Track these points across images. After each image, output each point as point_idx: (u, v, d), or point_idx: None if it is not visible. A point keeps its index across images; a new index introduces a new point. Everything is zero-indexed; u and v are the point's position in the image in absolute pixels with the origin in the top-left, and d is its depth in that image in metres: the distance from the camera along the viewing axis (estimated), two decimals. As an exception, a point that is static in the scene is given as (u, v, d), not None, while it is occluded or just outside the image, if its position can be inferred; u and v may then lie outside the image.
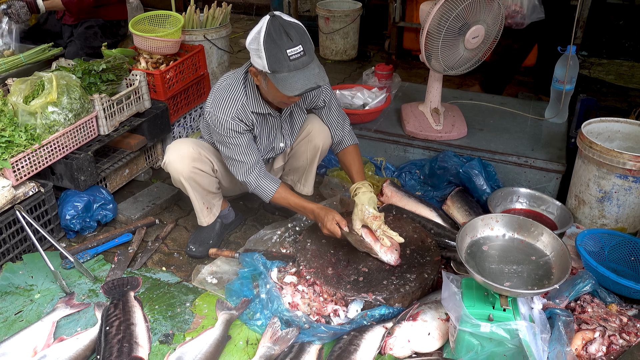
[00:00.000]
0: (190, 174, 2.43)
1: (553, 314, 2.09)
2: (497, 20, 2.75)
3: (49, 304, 2.32)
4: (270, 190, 2.41)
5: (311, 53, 2.08)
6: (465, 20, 2.63)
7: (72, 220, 2.67)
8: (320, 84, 2.08)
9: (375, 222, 2.34)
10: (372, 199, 2.39)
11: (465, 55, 2.77)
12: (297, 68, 2.04)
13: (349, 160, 2.57)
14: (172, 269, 2.58)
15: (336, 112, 2.57)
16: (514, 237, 2.07)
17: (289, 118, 2.51)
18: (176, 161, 2.41)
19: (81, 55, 3.44)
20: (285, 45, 2.01)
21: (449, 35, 2.67)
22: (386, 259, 2.31)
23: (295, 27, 2.04)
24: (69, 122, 2.64)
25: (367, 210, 2.34)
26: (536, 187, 2.93)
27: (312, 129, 2.58)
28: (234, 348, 2.12)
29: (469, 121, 3.26)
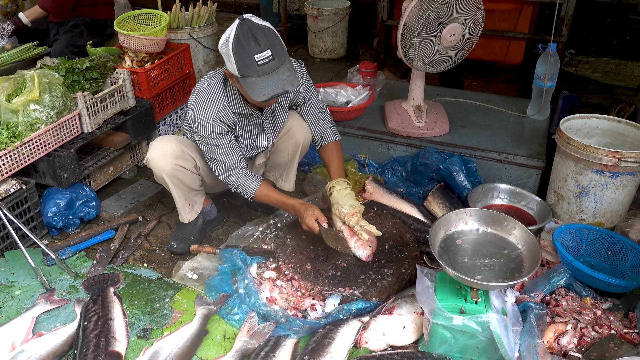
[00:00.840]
0: (172, 171, 2.44)
1: (527, 307, 2.11)
2: (476, 19, 2.77)
3: (29, 300, 2.34)
4: (252, 188, 2.43)
5: (281, 57, 2.07)
6: (443, 18, 2.64)
7: (55, 218, 2.69)
8: (288, 88, 2.09)
9: (353, 219, 2.36)
10: (348, 195, 2.40)
11: (443, 53, 2.79)
12: (266, 73, 2.04)
13: (328, 157, 2.59)
14: (153, 265, 2.59)
15: (317, 108, 2.59)
16: (487, 231, 2.10)
17: (271, 116, 2.53)
18: (159, 158, 2.43)
19: (67, 53, 3.46)
20: (253, 50, 2.01)
21: (425, 32, 2.69)
22: (358, 254, 2.33)
23: (265, 31, 2.04)
24: (50, 119, 2.65)
25: (342, 208, 2.36)
26: (516, 183, 2.95)
27: (293, 125, 2.60)
28: (211, 342, 2.14)
29: (452, 118, 3.28)
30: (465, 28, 2.72)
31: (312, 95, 2.56)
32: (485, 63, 4.74)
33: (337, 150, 2.61)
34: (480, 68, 4.77)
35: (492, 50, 4.60)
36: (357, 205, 2.40)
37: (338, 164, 2.56)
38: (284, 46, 2.10)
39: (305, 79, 2.47)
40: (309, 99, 2.55)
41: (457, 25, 2.67)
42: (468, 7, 2.68)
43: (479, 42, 4.37)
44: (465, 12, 2.68)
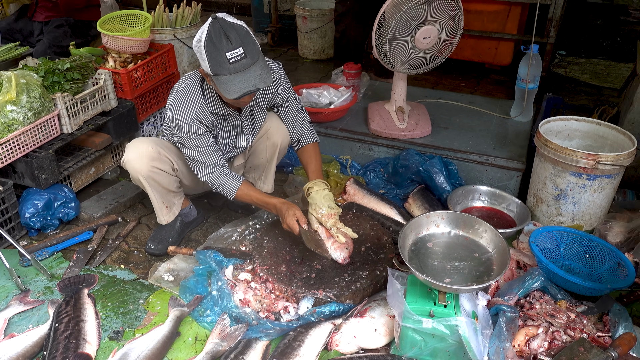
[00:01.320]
0: (148, 173, 2.44)
1: (499, 310, 2.10)
2: (454, 23, 2.74)
3: (3, 301, 2.34)
4: (234, 187, 2.43)
5: (254, 55, 2.07)
6: (417, 19, 2.63)
7: (32, 219, 2.69)
8: (260, 86, 2.09)
9: (330, 221, 2.36)
10: (327, 196, 2.40)
11: (418, 55, 2.78)
12: (238, 71, 2.05)
13: (306, 158, 2.59)
14: (130, 267, 2.59)
15: (295, 109, 2.58)
16: (459, 234, 2.09)
17: (249, 117, 2.52)
18: (135, 160, 2.43)
19: (49, 54, 3.46)
20: (224, 48, 2.02)
21: (398, 32, 2.67)
22: (335, 256, 2.33)
23: (237, 29, 2.04)
24: (28, 120, 2.65)
25: (319, 209, 2.36)
26: (497, 185, 2.95)
27: (271, 126, 2.60)
28: (183, 344, 2.13)
29: (435, 120, 3.28)
30: (441, 31, 2.70)
31: (291, 96, 2.55)
32: (474, 64, 4.73)
33: (315, 152, 2.60)
34: (469, 69, 4.76)
35: (481, 52, 4.59)
36: (335, 207, 2.39)
37: (316, 165, 2.56)
38: (257, 44, 2.10)
39: (284, 81, 2.47)
40: (287, 101, 2.55)
41: (432, 27, 2.66)
42: (444, 10, 2.66)
43: (467, 43, 4.46)
44: (440, 15, 2.66)
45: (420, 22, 2.65)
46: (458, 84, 4.59)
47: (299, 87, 3.52)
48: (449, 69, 4.70)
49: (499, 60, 4.60)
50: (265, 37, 5.56)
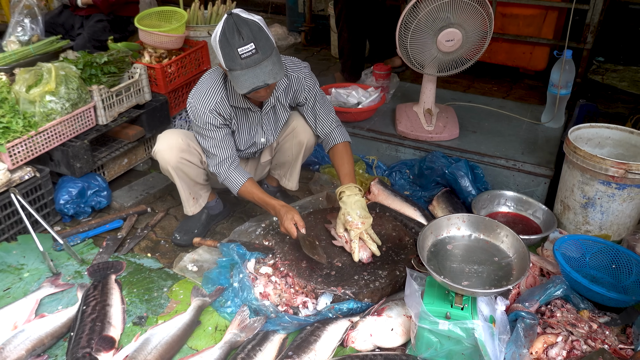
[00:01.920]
0: (177, 164, 2.51)
1: (518, 316, 2.09)
2: (481, 27, 2.72)
3: (35, 283, 2.44)
4: (238, 183, 2.48)
5: (266, 50, 2.09)
6: (442, 21, 2.62)
7: (66, 205, 2.80)
8: (269, 82, 2.11)
9: (353, 232, 2.33)
10: (358, 202, 2.36)
11: (441, 57, 2.76)
12: (249, 66, 2.08)
13: (337, 160, 2.54)
14: (156, 256, 2.67)
15: (320, 109, 2.56)
16: (479, 238, 2.08)
17: (272, 114, 2.56)
18: (164, 151, 2.50)
19: (88, 47, 3.58)
20: (236, 44, 2.06)
21: (419, 33, 2.67)
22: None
23: (250, 25, 2.07)
24: (65, 111, 2.76)
25: (348, 215, 2.34)
26: (524, 191, 2.91)
27: (297, 125, 2.62)
28: (203, 333, 2.19)
29: (464, 123, 3.26)
30: (465, 35, 2.68)
31: (316, 96, 2.54)
32: (507, 68, 4.67)
33: (346, 153, 2.54)
34: (502, 73, 4.71)
35: (515, 56, 4.52)
36: (366, 215, 2.36)
37: (349, 168, 2.50)
38: (270, 40, 2.12)
39: (309, 80, 2.48)
40: (310, 100, 2.54)
41: (456, 31, 2.63)
42: (469, 14, 2.64)
43: (502, 47, 4.41)
44: (465, 19, 2.64)
45: (444, 25, 2.63)
46: (490, 88, 4.54)
47: (328, 86, 3.55)
48: (481, 73, 4.66)
49: (533, 65, 4.52)
50: (298, 36, 5.61)
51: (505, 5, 4.22)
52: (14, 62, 3.25)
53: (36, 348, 2.06)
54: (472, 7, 2.60)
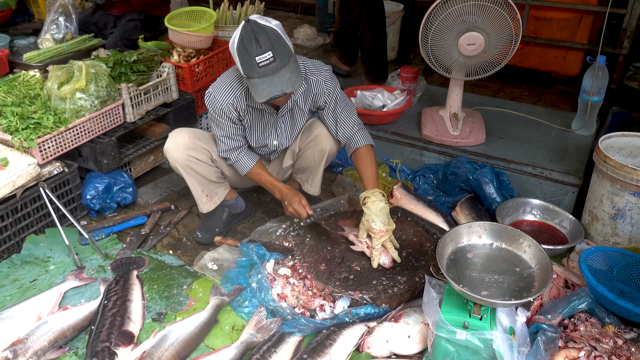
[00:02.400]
0: (185, 162, 2.53)
1: (539, 328, 2.04)
2: (506, 32, 2.66)
3: (60, 275, 2.50)
4: (247, 165, 2.53)
5: (284, 58, 2.09)
6: (464, 24, 2.58)
7: (93, 200, 2.86)
8: (287, 91, 2.11)
9: (376, 240, 2.31)
10: (383, 210, 2.32)
11: (462, 61, 2.71)
12: (266, 75, 2.08)
13: (361, 164, 2.51)
14: (178, 253, 2.70)
15: (342, 112, 2.52)
16: (501, 247, 2.04)
17: (288, 117, 2.55)
18: (172, 149, 2.54)
19: (120, 46, 3.65)
20: (254, 52, 2.06)
21: (440, 34, 2.63)
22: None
23: (268, 33, 2.07)
24: (95, 108, 2.82)
25: (373, 222, 2.30)
26: (551, 199, 2.84)
27: (321, 132, 2.60)
28: (220, 332, 2.21)
29: (491, 128, 3.20)
30: (488, 39, 2.62)
31: (336, 99, 2.50)
32: (539, 73, 4.57)
33: (369, 157, 2.50)
34: (533, 78, 4.60)
35: (547, 60, 4.42)
36: (389, 222, 2.33)
37: (372, 172, 2.45)
38: (288, 47, 2.12)
39: (329, 83, 2.45)
40: (331, 103, 2.51)
41: (478, 35, 2.58)
42: (492, 18, 2.58)
43: (534, 50, 4.32)
44: (487, 23, 2.58)
45: (466, 28, 2.59)
46: (520, 93, 4.45)
47: (353, 88, 3.54)
48: (512, 77, 4.57)
49: (566, 70, 4.42)
50: (327, 37, 5.60)
51: (538, 9, 4.13)
52: (48, 59, 3.34)
53: (58, 340, 2.11)
54: (496, 11, 2.54)
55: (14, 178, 2.52)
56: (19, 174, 2.54)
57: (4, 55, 3.33)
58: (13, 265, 2.56)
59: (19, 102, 2.76)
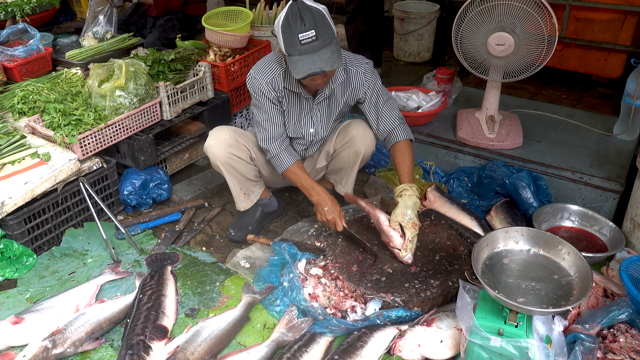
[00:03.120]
0: (226, 159, 2.56)
1: (577, 338, 1.99)
2: (536, 34, 2.59)
3: (98, 269, 2.57)
4: (287, 163, 2.52)
5: (326, 39, 2.10)
6: (492, 23, 2.54)
7: (129, 196, 2.92)
8: (326, 69, 2.12)
9: (411, 231, 2.32)
10: (417, 204, 2.36)
11: (492, 61, 2.67)
12: (307, 52, 2.10)
13: (398, 157, 2.51)
14: (211, 250, 2.74)
15: (384, 106, 2.51)
16: (538, 254, 1.99)
17: (325, 105, 2.54)
18: (213, 146, 2.56)
19: (158, 45, 3.71)
20: (298, 30, 2.08)
21: (469, 33, 2.59)
22: (404, 254, 2.32)
23: (314, 12, 2.09)
24: (133, 105, 2.88)
25: (408, 214, 2.32)
26: (591, 206, 2.77)
27: (356, 134, 2.59)
28: (251, 329, 2.22)
29: (528, 132, 3.14)
30: (517, 40, 2.56)
31: (378, 93, 2.50)
32: (579, 75, 4.45)
33: (408, 152, 2.50)
34: (573, 80, 4.49)
35: (588, 62, 4.30)
36: (416, 219, 2.35)
37: (409, 167, 2.47)
38: (332, 28, 2.13)
39: (369, 75, 2.45)
40: (371, 96, 2.50)
41: (507, 35, 2.53)
42: (520, 18, 2.53)
43: (574, 52, 4.21)
44: (518, 24, 2.53)
45: (494, 27, 2.54)
46: (559, 96, 4.34)
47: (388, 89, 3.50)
48: (550, 79, 4.47)
49: (607, 72, 4.28)
50: (361, 37, 5.58)
51: (579, 9, 4.02)
52: (89, 57, 3.43)
53: (95, 331, 2.16)
54: (525, 11, 2.49)
55: (56, 173, 2.60)
56: (61, 168, 2.61)
57: (47, 54, 3.44)
58: (53, 257, 2.64)
59: (61, 99, 2.84)
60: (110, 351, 2.13)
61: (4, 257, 2.49)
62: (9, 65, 3.28)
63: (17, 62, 3.29)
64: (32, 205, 2.55)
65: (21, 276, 2.52)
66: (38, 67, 3.39)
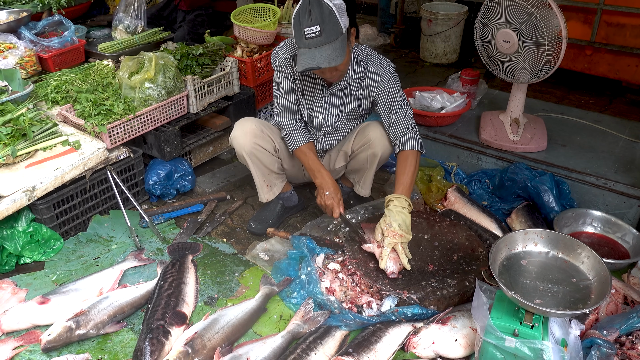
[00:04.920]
0: (251, 150, 2.59)
1: (594, 343, 1.97)
2: (536, 33, 2.57)
3: (121, 255, 2.64)
4: (298, 142, 2.58)
5: (331, 35, 2.13)
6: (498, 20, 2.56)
7: (154, 186, 2.99)
8: (322, 65, 2.15)
9: (388, 239, 2.25)
10: (401, 215, 2.28)
11: (500, 58, 2.68)
12: (310, 47, 2.15)
13: (400, 167, 2.45)
14: (231, 242, 2.79)
15: (398, 111, 2.48)
16: (557, 256, 1.98)
17: (338, 97, 2.55)
18: (240, 137, 2.61)
19: (187, 39, 3.79)
20: (305, 24, 2.13)
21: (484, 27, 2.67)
22: (387, 265, 2.27)
23: (323, 7, 2.11)
24: (161, 98, 2.95)
25: (389, 225, 2.26)
26: (614, 212, 2.73)
27: (374, 137, 2.58)
28: (268, 320, 2.26)
29: (553, 135, 3.11)
30: (521, 39, 2.56)
31: (393, 97, 2.48)
32: (608, 81, 4.37)
33: (411, 163, 2.42)
34: (602, 86, 4.42)
35: (618, 68, 4.22)
36: (407, 230, 2.28)
37: (407, 179, 2.39)
38: (338, 25, 2.15)
39: (387, 77, 2.44)
40: (386, 99, 2.48)
41: (510, 32, 2.53)
42: (525, 18, 2.54)
43: (603, 57, 4.16)
44: (517, 20, 2.54)
45: (502, 23, 2.55)
46: (587, 101, 4.28)
47: (413, 89, 3.52)
48: (578, 84, 4.41)
49: (638, 79, 4.20)
50: (388, 37, 5.59)
51: (611, 14, 3.96)
52: (120, 50, 3.52)
53: (117, 315, 2.23)
54: (527, 10, 2.50)
55: (85, 160, 2.68)
56: (90, 156, 2.69)
57: (81, 45, 3.54)
58: (79, 242, 2.72)
59: (92, 89, 2.92)
60: (131, 334, 2.19)
61: (33, 240, 2.58)
62: (44, 55, 3.38)
63: (52, 53, 3.40)
64: (61, 191, 2.64)
65: (48, 259, 2.60)
66: (71, 58, 3.49)
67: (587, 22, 4.02)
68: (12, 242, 2.51)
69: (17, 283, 2.43)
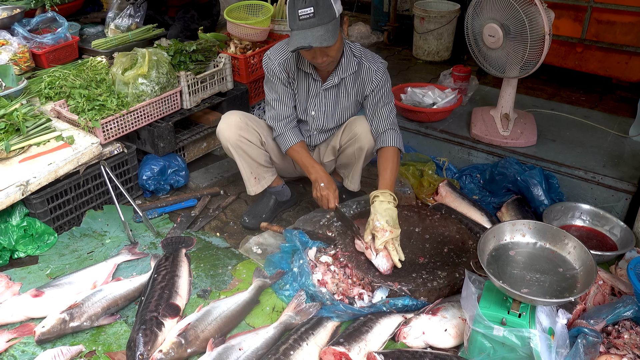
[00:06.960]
0: (237, 142, 2.61)
1: (580, 332, 2.01)
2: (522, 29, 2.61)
3: (115, 249, 2.66)
4: (291, 141, 2.61)
5: (324, 17, 2.17)
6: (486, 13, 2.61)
7: (148, 181, 3.01)
8: (314, 45, 2.18)
9: (381, 237, 2.26)
10: (388, 210, 2.30)
11: (486, 52, 2.73)
12: (303, 28, 2.19)
13: (382, 163, 2.49)
14: (224, 236, 2.81)
15: (382, 108, 2.53)
16: (544, 247, 2.02)
17: (333, 93, 2.59)
18: (224, 129, 2.63)
19: (181, 37, 3.80)
20: (299, 5, 2.18)
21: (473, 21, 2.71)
22: (379, 262, 2.28)
23: None
24: (155, 93, 2.96)
25: (376, 221, 2.28)
26: (602, 205, 2.77)
27: (360, 132, 2.60)
28: (260, 312, 2.29)
29: (543, 131, 3.15)
30: (505, 33, 2.60)
31: (382, 94, 2.53)
32: (599, 78, 4.42)
33: (392, 159, 2.47)
34: (592, 83, 4.46)
35: (608, 65, 4.27)
36: (395, 225, 2.29)
37: (390, 175, 2.44)
38: (331, 9, 2.19)
39: (379, 75, 2.49)
40: (375, 96, 2.53)
41: (494, 26, 2.58)
42: (506, 11, 2.58)
43: (594, 55, 4.20)
44: (502, 14, 2.58)
45: (489, 18, 2.59)
46: (577, 98, 4.32)
47: (405, 85, 3.55)
48: (569, 82, 4.45)
49: (628, 75, 4.25)
50: (381, 35, 5.62)
51: (601, 12, 4.00)
52: (114, 46, 3.53)
53: (110, 307, 2.25)
54: (511, 6, 2.54)
55: (79, 155, 2.69)
56: (83, 151, 2.71)
57: (74, 42, 3.55)
58: (73, 237, 2.74)
59: (86, 85, 2.94)
60: (125, 327, 2.21)
61: (27, 234, 2.59)
62: (38, 52, 3.39)
63: (45, 49, 3.41)
64: (55, 186, 2.65)
65: (42, 253, 2.62)
66: (65, 54, 3.51)
67: (578, 19, 4.06)
68: (6, 237, 2.53)
69: (11, 277, 2.45)
